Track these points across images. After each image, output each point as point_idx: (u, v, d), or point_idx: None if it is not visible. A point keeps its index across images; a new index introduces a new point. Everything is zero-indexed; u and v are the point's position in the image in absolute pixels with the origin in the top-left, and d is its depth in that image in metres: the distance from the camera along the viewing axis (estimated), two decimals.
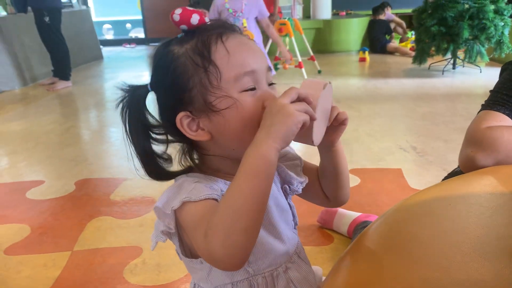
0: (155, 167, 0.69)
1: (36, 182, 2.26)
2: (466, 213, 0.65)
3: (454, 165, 1.24)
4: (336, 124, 0.66)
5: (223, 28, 0.64)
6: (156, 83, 0.66)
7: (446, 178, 1.13)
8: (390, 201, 1.83)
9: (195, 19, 0.63)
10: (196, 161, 0.69)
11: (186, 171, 0.69)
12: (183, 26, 0.64)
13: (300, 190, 0.75)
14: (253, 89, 0.62)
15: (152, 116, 0.68)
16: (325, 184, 0.77)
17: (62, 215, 1.91)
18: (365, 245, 0.63)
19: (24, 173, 2.42)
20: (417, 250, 0.57)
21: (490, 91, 1.00)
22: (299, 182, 0.74)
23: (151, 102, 0.68)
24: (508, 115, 0.92)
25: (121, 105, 0.67)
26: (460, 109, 3.28)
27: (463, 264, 0.53)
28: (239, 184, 0.55)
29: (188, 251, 0.68)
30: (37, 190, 2.16)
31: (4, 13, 5.04)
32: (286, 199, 0.76)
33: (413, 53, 5.02)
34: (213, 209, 0.57)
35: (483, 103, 0.98)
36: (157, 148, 0.70)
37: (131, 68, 6.12)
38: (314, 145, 0.63)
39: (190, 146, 0.68)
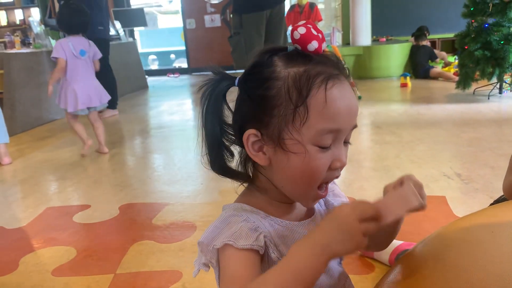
0: (220, 159, 0.67)
1: (83, 206, 2.36)
2: (509, 241, 0.63)
3: (501, 192, 1.20)
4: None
5: (334, 69, 0.61)
6: (245, 87, 0.63)
7: (491, 205, 1.09)
8: (433, 229, 1.76)
9: (312, 46, 0.60)
10: (251, 173, 0.68)
11: (244, 176, 0.68)
12: (298, 46, 0.61)
13: None
14: (327, 147, 0.60)
15: (229, 109, 0.66)
16: (372, 239, 0.75)
17: (106, 238, 1.97)
18: (404, 271, 0.62)
19: (72, 198, 2.52)
20: (456, 278, 0.56)
21: None
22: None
23: (230, 94, 0.67)
24: None
25: (204, 88, 0.65)
26: (508, 134, 3.15)
27: None
28: (281, 281, 0.52)
29: None
30: (84, 214, 2.25)
31: None
32: None
33: (456, 78, 4.91)
34: (250, 271, 0.56)
35: None
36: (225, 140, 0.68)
37: (175, 97, 6.32)
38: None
39: (248, 157, 0.67)
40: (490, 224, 0.70)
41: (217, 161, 0.67)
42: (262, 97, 0.60)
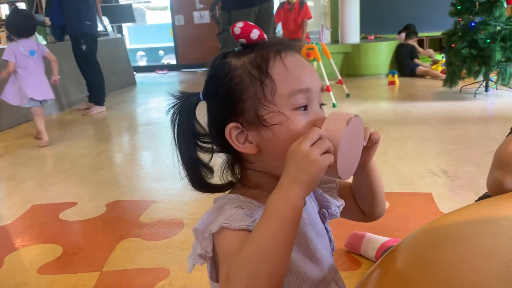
0: (198, 177, 0.69)
1: (69, 204, 2.33)
2: (492, 237, 0.64)
3: (486, 189, 1.21)
4: (370, 145, 0.68)
5: (282, 45, 0.65)
6: (210, 93, 0.66)
7: (476, 202, 1.10)
8: (419, 226, 1.79)
9: (255, 34, 0.64)
10: (239, 175, 0.70)
11: (228, 186, 0.70)
12: (242, 40, 0.65)
13: (338, 215, 0.75)
14: (305, 107, 0.62)
15: (200, 125, 0.69)
16: (360, 200, 0.77)
17: (93, 236, 1.96)
18: (388, 267, 0.62)
19: (58, 195, 2.49)
20: (440, 273, 0.56)
21: None
22: (337, 206, 0.74)
23: (199, 111, 0.69)
24: None
25: (172, 111, 0.68)
26: (493, 132, 3.20)
27: None
28: (265, 230, 0.55)
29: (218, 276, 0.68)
30: (70, 212, 2.23)
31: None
32: (324, 223, 0.75)
33: (443, 76, 4.96)
34: None
35: None
36: (202, 157, 0.70)
37: (163, 93, 6.28)
38: (343, 179, 0.63)
39: (235, 158, 0.68)
40: (474, 220, 0.70)
41: (196, 179, 0.69)
42: (228, 89, 0.63)
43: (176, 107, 0.68)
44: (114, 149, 3.62)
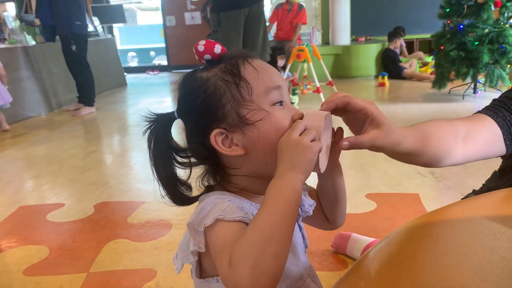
0: (178, 193, 0.71)
1: (57, 205, 2.32)
2: (469, 236, 0.65)
3: (475, 188, 1.23)
4: (338, 140, 0.70)
5: (245, 54, 0.69)
6: (185, 109, 0.68)
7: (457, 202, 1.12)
8: None
9: (218, 49, 0.67)
10: (217, 180, 0.71)
11: (207, 191, 0.70)
12: (207, 56, 0.68)
13: (311, 212, 0.76)
14: (281, 102, 0.66)
15: (177, 144, 0.71)
16: (325, 204, 0.79)
17: (80, 237, 1.95)
18: (366, 266, 0.63)
19: (46, 196, 2.48)
20: (418, 272, 0.57)
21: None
22: (309, 204, 0.75)
23: (174, 129, 0.71)
24: (490, 115, 0.91)
25: (147, 132, 0.69)
26: None
27: (462, 287, 0.52)
28: (269, 211, 0.57)
29: (201, 273, 0.69)
30: (57, 213, 2.21)
31: (33, 42, 5.27)
32: (297, 221, 0.76)
33: (431, 77, 5.00)
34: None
35: None
36: (180, 175, 0.72)
37: (154, 94, 6.27)
38: (321, 172, 0.65)
39: (216, 166, 0.70)
40: (452, 220, 0.71)
41: (176, 196, 0.71)
42: (205, 98, 0.65)
43: (151, 128, 0.69)
44: (103, 150, 3.60)
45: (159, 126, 0.69)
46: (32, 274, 1.66)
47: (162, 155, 0.69)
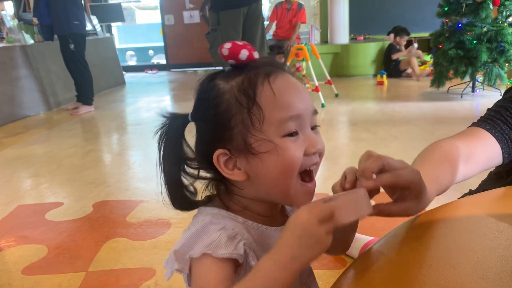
0: (180, 198, 0.67)
1: (56, 204, 2.32)
2: (468, 235, 0.65)
3: (472, 188, 1.23)
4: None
5: (272, 67, 0.62)
6: (198, 116, 0.64)
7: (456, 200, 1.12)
8: None
9: (243, 55, 0.61)
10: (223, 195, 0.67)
11: (208, 200, 0.67)
12: (231, 61, 0.62)
13: None
14: (295, 133, 0.60)
15: (189, 147, 0.66)
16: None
17: (78, 236, 1.94)
18: (365, 264, 0.63)
19: (44, 195, 2.48)
20: (416, 270, 0.57)
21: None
22: None
23: (188, 133, 0.67)
24: (488, 130, 0.91)
25: (160, 132, 0.65)
26: None
27: (461, 285, 0.52)
28: None
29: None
30: (56, 212, 2.21)
31: (31, 41, 5.26)
32: None
33: (420, 73, 5.01)
34: (224, 284, 0.56)
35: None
36: (186, 181, 0.68)
37: (152, 93, 6.26)
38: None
39: (220, 181, 0.66)
40: (451, 218, 0.71)
41: (177, 200, 0.67)
42: (216, 115, 0.61)
43: (164, 128, 0.65)
44: (102, 149, 3.60)
45: (171, 127, 0.65)
46: (30, 273, 1.66)
47: (170, 159, 0.65)
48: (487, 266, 0.56)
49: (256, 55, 0.63)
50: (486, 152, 0.90)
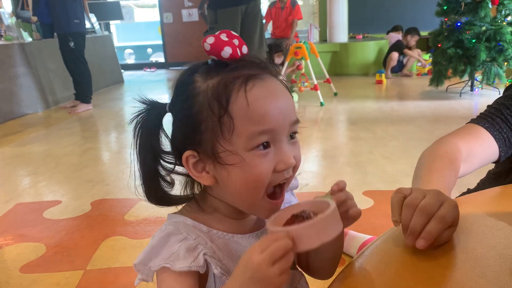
0: (155, 190, 0.65)
1: (54, 202, 2.31)
2: (467, 233, 0.65)
3: (470, 187, 1.23)
4: (348, 222, 0.59)
5: (254, 70, 0.57)
6: (173, 110, 0.61)
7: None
8: None
9: (226, 52, 0.57)
10: (197, 196, 0.65)
11: (185, 200, 0.66)
12: (213, 57, 0.58)
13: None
14: (266, 146, 0.56)
15: (167, 137, 0.63)
16: (313, 256, 0.70)
17: (77, 234, 1.94)
18: (363, 263, 0.63)
19: (43, 193, 2.47)
20: (415, 269, 0.57)
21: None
22: None
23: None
24: (487, 128, 0.92)
25: (136, 119, 0.62)
26: None
27: (460, 284, 0.52)
28: None
29: None
30: (54, 210, 2.21)
31: (29, 39, 5.24)
32: None
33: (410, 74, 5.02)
34: None
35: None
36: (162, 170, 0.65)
37: (151, 91, 6.25)
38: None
39: (195, 181, 0.64)
40: None
41: (152, 192, 0.65)
42: (188, 116, 0.58)
43: (139, 116, 0.62)
44: (100, 147, 3.59)
45: (149, 115, 0.62)
46: (29, 271, 1.65)
47: (146, 146, 0.62)
48: (486, 264, 0.56)
49: (243, 51, 0.59)
50: (484, 151, 0.92)
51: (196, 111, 0.57)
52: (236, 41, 0.58)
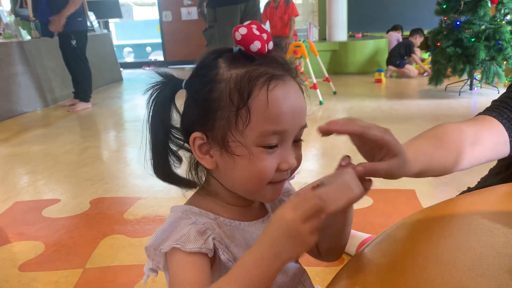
0: (163, 165, 0.65)
1: (53, 200, 2.31)
2: (466, 231, 0.65)
3: (470, 186, 1.23)
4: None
5: (278, 70, 0.58)
6: (190, 88, 0.62)
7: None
8: None
9: (255, 46, 0.58)
10: (202, 179, 0.66)
11: (188, 183, 0.67)
12: (241, 47, 0.59)
13: None
14: (274, 146, 0.58)
15: (179, 113, 0.64)
16: (322, 238, 0.71)
17: (76, 233, 1.94)
18: (362, 262, 0.63)
19: (42, 192, 2.47)
20: (414, 267, 0.57)
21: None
22: None
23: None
24: (495, 117, 0.89)
25: (151, 91, 0.63)
26: None
27: (459, 283, 0.52)
28: None
29: None
30: (53, 208, 2.21)
31: (28, 37, 5.23)
32: None
33: (413, 73, 5.02)
34: (199, 276, 0.56)
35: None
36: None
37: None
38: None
39: (199, 164, 0.65)
40: (449, 215, 0.72)
41: (159, 166, 0.65)
42: (206, 99, 0.59)
43: (154, 88, 0.63)
44: (99, 145, 3.59)
45: (165, 89, 0.63)
46: (28, 270, 1.65)
47: (158, 120, 0.63)
48: (485, 263, 0.56)
49: (269, 47, 0.60)
50: (494, 138, 0.86)
51: (215, 97, 0.58)
52: (264, 36, 0.59)
